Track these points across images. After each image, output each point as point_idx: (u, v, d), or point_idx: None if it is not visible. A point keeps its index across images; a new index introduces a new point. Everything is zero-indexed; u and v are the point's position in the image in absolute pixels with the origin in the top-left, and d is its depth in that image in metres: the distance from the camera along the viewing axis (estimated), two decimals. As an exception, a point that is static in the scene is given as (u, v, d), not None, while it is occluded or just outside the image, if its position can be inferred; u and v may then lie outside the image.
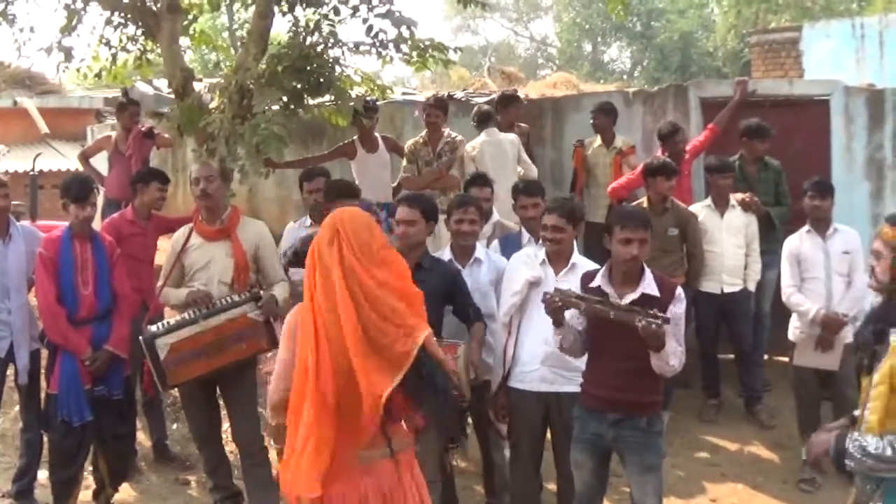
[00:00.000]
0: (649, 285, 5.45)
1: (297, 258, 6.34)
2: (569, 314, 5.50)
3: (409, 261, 6.18)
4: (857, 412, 4.35)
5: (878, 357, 4.14)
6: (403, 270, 4.26)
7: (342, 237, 4.10)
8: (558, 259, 6.22)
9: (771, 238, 8.73)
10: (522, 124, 10.31)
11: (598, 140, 10.06)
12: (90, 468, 7.09)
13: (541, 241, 6.39)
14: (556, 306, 5.40)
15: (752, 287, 8.65)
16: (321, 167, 8.40)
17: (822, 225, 7.82)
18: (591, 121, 10.04)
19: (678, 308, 5.40)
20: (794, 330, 7.83)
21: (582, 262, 6.24)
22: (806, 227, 7.90)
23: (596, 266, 6.19)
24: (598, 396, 5.56)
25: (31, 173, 13.90)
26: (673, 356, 5.29)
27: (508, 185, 8.00)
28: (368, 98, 9.20)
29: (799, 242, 7.88)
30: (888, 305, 4.32)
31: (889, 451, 4.01)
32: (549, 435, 6.40)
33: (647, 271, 5.53)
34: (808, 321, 7.63)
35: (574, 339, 5.61)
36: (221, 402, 6.88)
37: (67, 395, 6.42)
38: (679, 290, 5.48)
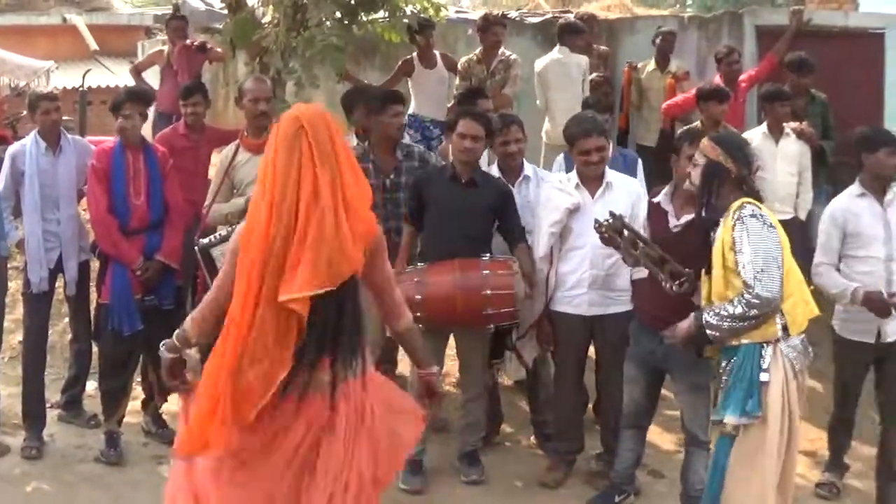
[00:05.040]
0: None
1: None
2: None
3: (462, 176, 6.22)
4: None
5: None
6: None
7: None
8: (593, 180, 6.13)
9: (820, 172, 8.61)
10: (603, 47, 10.26)
11: (651, 64, 10.03)
12: (139, 379, 7.16)
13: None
14: (604, 238, 5.45)
15: (802, 216, 8.47)
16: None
17: (880, 185, 6.27)
18: (658, 42, 10.00)
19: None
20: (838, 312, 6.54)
21: (617, 179, 6.18)
22: (857, 191, 6.32)
23: (631, 180, 6.33)
24: (651, 313, 5.61)
25: (81, 90, 13.88)
26: None
27: (569, 107, 7.94)
28: (423, 15, 9.10)
29: (850, 208, 6.30)
30: None
31: (739, 309, 4.67)
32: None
33: None
34: (848, 304, 6.26)
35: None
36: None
37: (118, 304, 6.44)
38: None
